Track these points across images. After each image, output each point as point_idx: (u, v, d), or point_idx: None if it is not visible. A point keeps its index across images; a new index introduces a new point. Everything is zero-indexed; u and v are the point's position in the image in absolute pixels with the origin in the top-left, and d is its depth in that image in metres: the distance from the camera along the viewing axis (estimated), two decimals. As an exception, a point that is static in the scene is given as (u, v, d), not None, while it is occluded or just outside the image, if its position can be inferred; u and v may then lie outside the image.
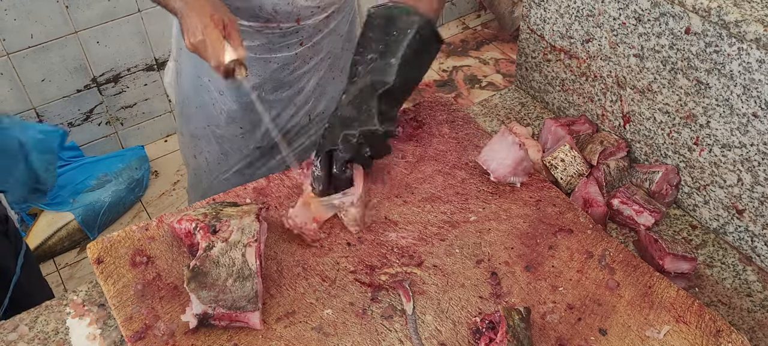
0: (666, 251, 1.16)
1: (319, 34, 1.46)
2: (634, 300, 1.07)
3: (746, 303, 1.17)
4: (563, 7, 1.45)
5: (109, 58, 2.77)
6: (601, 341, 1.02)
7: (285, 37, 1.42)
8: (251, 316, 1.01)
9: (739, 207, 1.23)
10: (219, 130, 1.58)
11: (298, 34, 1.43)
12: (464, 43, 3.76)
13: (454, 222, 1.21)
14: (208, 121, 1.58)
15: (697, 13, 1.16)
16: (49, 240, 2.59)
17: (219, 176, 1.67)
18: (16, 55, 2.55)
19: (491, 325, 1.00)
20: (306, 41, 1.45)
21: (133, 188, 2.83)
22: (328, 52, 1.50)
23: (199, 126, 1.60)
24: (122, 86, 2.88)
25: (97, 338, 1.09)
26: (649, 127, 1.35)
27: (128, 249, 1.14)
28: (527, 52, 1.62)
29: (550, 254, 1.15)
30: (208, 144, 1.63)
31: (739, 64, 1.12)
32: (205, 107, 1.55)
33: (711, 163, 1.25)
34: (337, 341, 1.02)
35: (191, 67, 1.51)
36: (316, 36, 1.46)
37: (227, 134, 1.59)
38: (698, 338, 1.02)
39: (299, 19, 1.40)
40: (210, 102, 1.54)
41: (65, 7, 2.56)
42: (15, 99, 2.64)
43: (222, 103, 1.53)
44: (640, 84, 1.34)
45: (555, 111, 1.60)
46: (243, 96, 1.50)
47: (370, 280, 1.11)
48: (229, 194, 1.25)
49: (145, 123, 3.05)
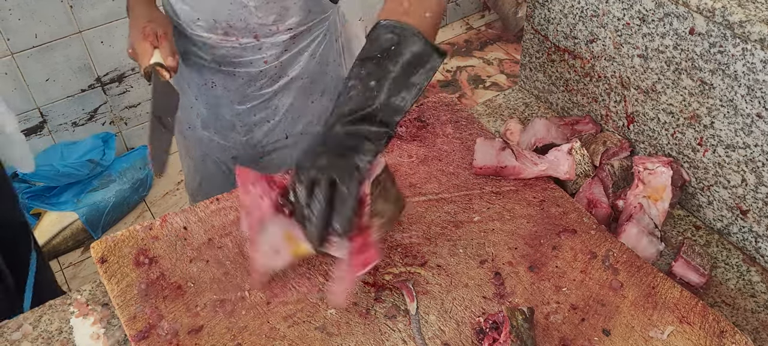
0: (679, 254, 1.16)
1: (285, 54, 1.45)
2: (638, 301, 1.07)
3: (750, 304, 1.16)
4: (567, 8, 1.44)
5: (113, 57, 2.78)
6: (604, 341, 1.02)
7: (246, 52, 1.42)
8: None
9: (743, 208, 1.23)
10: (197, 133, 1.62)
11: (260, 51, 1.42)
12: (468, 43, 3.76)
13: (457, 222, 1.21)
14: (189, 123, 1.62)
15: (701, 13, 1.16)
16: (53, 240, 2.60)
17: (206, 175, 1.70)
18: (20, 55, 2.56)
19: (495, 325, 1.00)
20: (270, 60, 1.44)
21: (137, 188, 2.84)
22: (300, 72, 1.49)
23: (183, 126, 1.64)
24: (126, 86, 2.89)
25: (101, 338, 1.09)
26: (653, 127, 1.35)
27: (132, 249, 1.15)
28: (531, 52, 1.62)
29: (553, 254, 1.15)
30: (192, 144, 1.67)
31: (743, 64, 1.12)
32: (183, 109, 1.57)
33: (715, 163, 1.25)
34: (340, 341, 1.02)
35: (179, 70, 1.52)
36: (282, 56, 1.45)
37: (204, 138, 1.62)
38: (702, 339, 1.02)
39: (257, 35, 1.40)
40: (188, 105, 1.57)
41: (69, 7, 2.57)
42: (19, 99, 2.65)
43: (197, 108, 1.56)
44: (644, 84, 1.33)
45: (559, 111, 1.60)
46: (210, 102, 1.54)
47: (373, 280, 1.11)
48: (233, 194, 1.25)
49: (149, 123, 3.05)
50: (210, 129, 1.59)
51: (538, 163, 1.29)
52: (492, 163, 1.28)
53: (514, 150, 1.29)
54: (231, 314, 1.05)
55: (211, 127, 1.58)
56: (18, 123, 1.72)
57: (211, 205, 1.23)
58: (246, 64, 1.44)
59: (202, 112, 1.56)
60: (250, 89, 1.49)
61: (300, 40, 1.44)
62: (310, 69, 1.50)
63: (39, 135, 2.78)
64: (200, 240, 1.17)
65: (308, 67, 1.49)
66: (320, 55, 1.51)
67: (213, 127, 1.58)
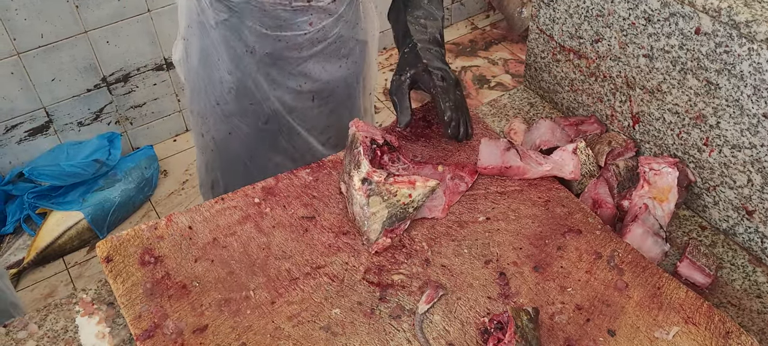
0: (684, 255, 1.16)
1: (328, 19, 1.47)
2: (643, 301, 1.07)
3: (756, 305, 1.16)
4: (572, 7, 1.44)
5: (118, 57, 2.79)
6: (609, 342, 1.02)
7: (296, 15, 1.43)
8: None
9: (749, 208, 1.23)
10: (227, 106, 1.59)
11: (308, 14, 1.44)
12: (473, 43, 3.76)
13: (462, 222, 1.21)
14: (217, 99, 1.58)
15: (707, 13, 1.15)
16: (58, 239, 2.61)
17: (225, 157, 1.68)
18: (26, 55, 2.57)
19: (499, 325, 1.00)
20: (316, 23, 1.46)
21: (143, 188, 2.84)
22: (335, 36, 1.51)
23: (207, 104, 1.61)
24: (132, 86, 2.89)
25: (106, 337, 1.10)
26: (659, 127, 1.35)
27: (137, 248, 1.15)
28: (536, 52, 1.61)
29: (558, 254, 1.15)
30: (215, 123, 1.64)
31: (749, 64, 1.12)
32: (213, 85, 1.56)
33: (721, 164, 1.25)
34: (345, 341, 1.02)
35: (200, 44, 1.52)
36: (325, 19, 1.47)
37: (235, 110, 1.59)
38: (707, 340, 1.01)
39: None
40: (217, 79, 1.55)
41: (75, 7, 2.58)
42: (25, 98, 2.66)
43: (230, 82, 1.54)
44: (649, 84, 1.33)
45: (564, 111, 1.60)
46: (249, 73, 1.52)
47: (378, 279, 1.11)
48: (238, 193, 1.25)
49: (155, 123, 3.06)
50: (243, 100, 1.57)
51: (542, 163, 1.29)
52: (497, 163, 1.28)
53: (519, 150, 1.29)
54: (236, 314, 1.05)
55: (245, 98, 1.56)
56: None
57: (216, 204, 1.23)
58: (293, 28, 1.45)
59: (234, 85, 1.54)
60: (290, 54, 1.49)
61: (341, 3, 1.47)
62: (341, 33, 1.52)
63: (45, 135, 2.79)
64: (205, 240, 1.17)
65: (340, 31, 1.52)
66: (351, 19, 1.53)
67: (246, 98, 1.56)
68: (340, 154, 1.35)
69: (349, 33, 1.55)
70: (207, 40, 1.49)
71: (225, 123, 1.62)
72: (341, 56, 1.57)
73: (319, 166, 1.32)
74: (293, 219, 1.21)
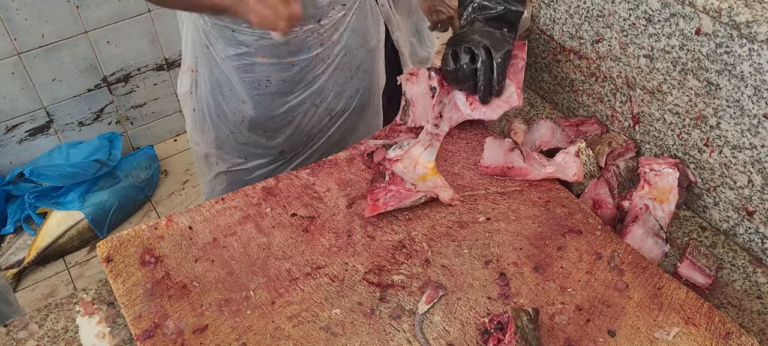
0: (684, 255, 1.16)
1: (336, 33, 1.47)
2: (644, 302, 1.07)
3: (756, 305, 1.16)
4: (573, 8, 1.44)
5: (119, 57, 2.79)
6: (609, 342, 1.02)
7: (306, 38, 1.43)
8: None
9: (749, 209, 1.23)
10: (241, 136, 1.58)
11: (318, 34, 1.43)
12: (473, 43, 3.75)
13: (462, 222, 1.21)
14: (231, 129, 1.58)
15: (707, 13, 1.15)
16: (59, 239, 2.61)
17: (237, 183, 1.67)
18: (27, 55, 2.57)
19: (499, 326, 1.00)
20: (326, 41, 1.45)
21: (143, 188, 2.84)
22: (343, 47, 1.51)
23: (220, 134, 1.60)
24: (132, 86, 2.90)
25: (107, 336, 1.10)
26: (659, 128, 1.35)
27: (137, 248, 1.15)
28: (537, 52, 1.61)
29: (558, 255, 1.15)
30: (230, 152, 1.63)
31: (750, 65, 1.12)
32: (225, 116, 1.55)
33: (721, 164, 1.24)
34: (345, 341, 1.02)
35: (210, 76, 1.51)
36: (334, 34, 1.46)
37: (250, 141, 1.59)
38: (708, 341, 1.01)
39: (320, 18, 1.41)
40: (230, 111, 1.54)
41: (76, 7, 2.58)
42: (26, 98, 2.66)
43: (243, 112, 1.53)
44: (650, 85, 1.33)
45: (564, 111, 1.60)
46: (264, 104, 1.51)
47: (378, 280, 1.11)
48: (238, 193, 1.26)
49: (155, 122, 3.06)
50: (257, 130, 1.57)
51: (546, 165, 1.29)
52: (499, 163, 1.28)
53: (522, 151, 1.29)
54: (236, 314, 1.05)
55: (259, 128, 1.56)
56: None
57: (216, 204, 1.23)
58: (303, 51, 1.44)
59: (249, 113, 1.53)
60: (303, 75, 1.49)
61: (348, 14, 1.47)
62: (350, 43, 1.52)
63: (45, 135, 2.79)
64: (205, 240, 1.17)
65: (349, 41, 1.51)
66: (358, 28, 1.52)
67: (261, 127, 1.56)
68: (340, 155, 1.35)
69: (359, 42, 1.54)
70: (217, 71, 1.48)
71: (239, 151, 1.62)
72: (353, 67, 1.56)
73: (319, 166, 1.32)
74: (293, 219, 1.21)
